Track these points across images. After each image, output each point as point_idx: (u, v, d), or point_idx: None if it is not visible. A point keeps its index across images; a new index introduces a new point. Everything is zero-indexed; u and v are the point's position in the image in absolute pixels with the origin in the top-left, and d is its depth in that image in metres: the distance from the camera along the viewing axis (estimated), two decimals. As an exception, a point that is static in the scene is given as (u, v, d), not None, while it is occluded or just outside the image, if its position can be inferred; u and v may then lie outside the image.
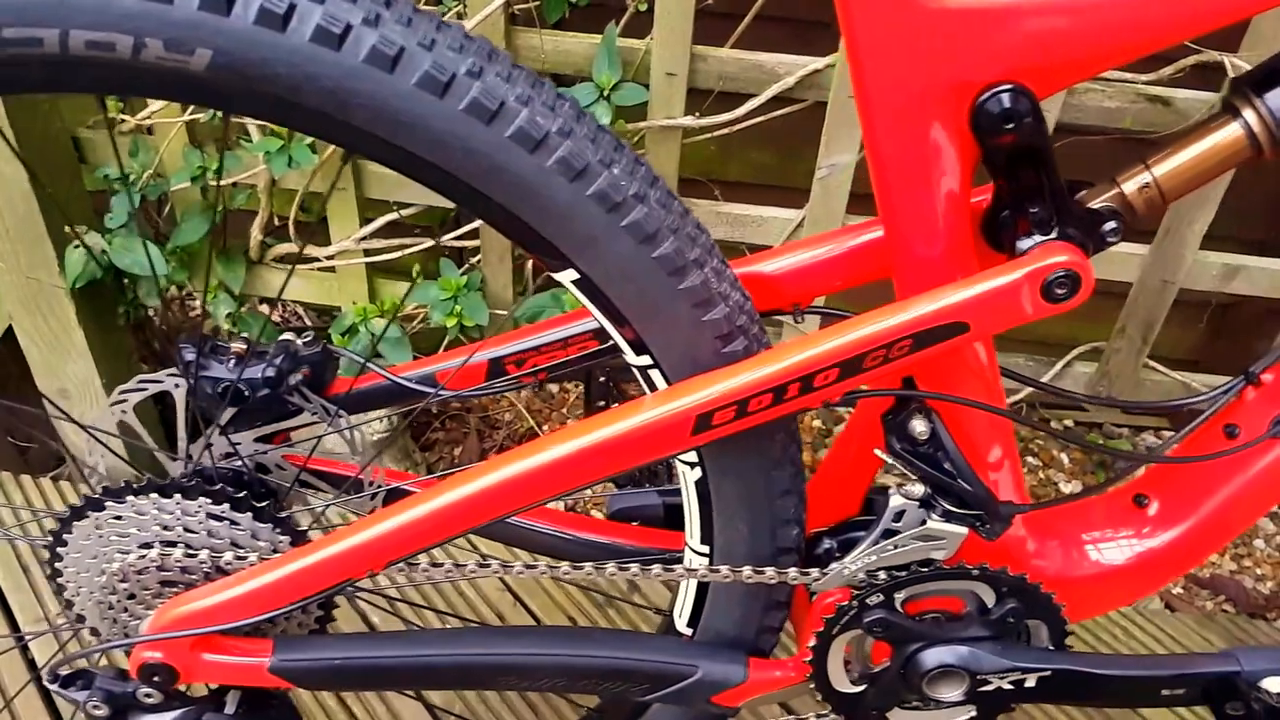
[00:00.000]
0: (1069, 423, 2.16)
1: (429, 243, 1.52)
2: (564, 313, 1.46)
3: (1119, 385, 1.59)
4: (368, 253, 1.53)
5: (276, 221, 1.55)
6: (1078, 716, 1.47)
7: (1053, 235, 0.73)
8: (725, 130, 1.38)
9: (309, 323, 2.10)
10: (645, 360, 0.76)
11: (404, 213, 1.53)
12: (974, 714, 0.94)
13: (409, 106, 0.63)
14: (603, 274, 0.71)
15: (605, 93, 1.28)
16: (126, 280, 1.53)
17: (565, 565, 0.87)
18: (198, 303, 1.94)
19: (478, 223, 1.49)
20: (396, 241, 1.54)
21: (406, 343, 1.55)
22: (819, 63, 1.30)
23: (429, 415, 1.99)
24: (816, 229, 1.44)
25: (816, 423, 2.05)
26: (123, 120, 1.44)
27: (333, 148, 1.39)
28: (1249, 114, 0.70)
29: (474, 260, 1.56)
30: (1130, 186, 0.74)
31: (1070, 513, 0.93)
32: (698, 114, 1.36)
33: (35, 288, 1.45)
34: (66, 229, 1.39)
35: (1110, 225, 0.73)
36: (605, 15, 1.34)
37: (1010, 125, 0.67)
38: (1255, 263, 1.46)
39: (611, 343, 0.76)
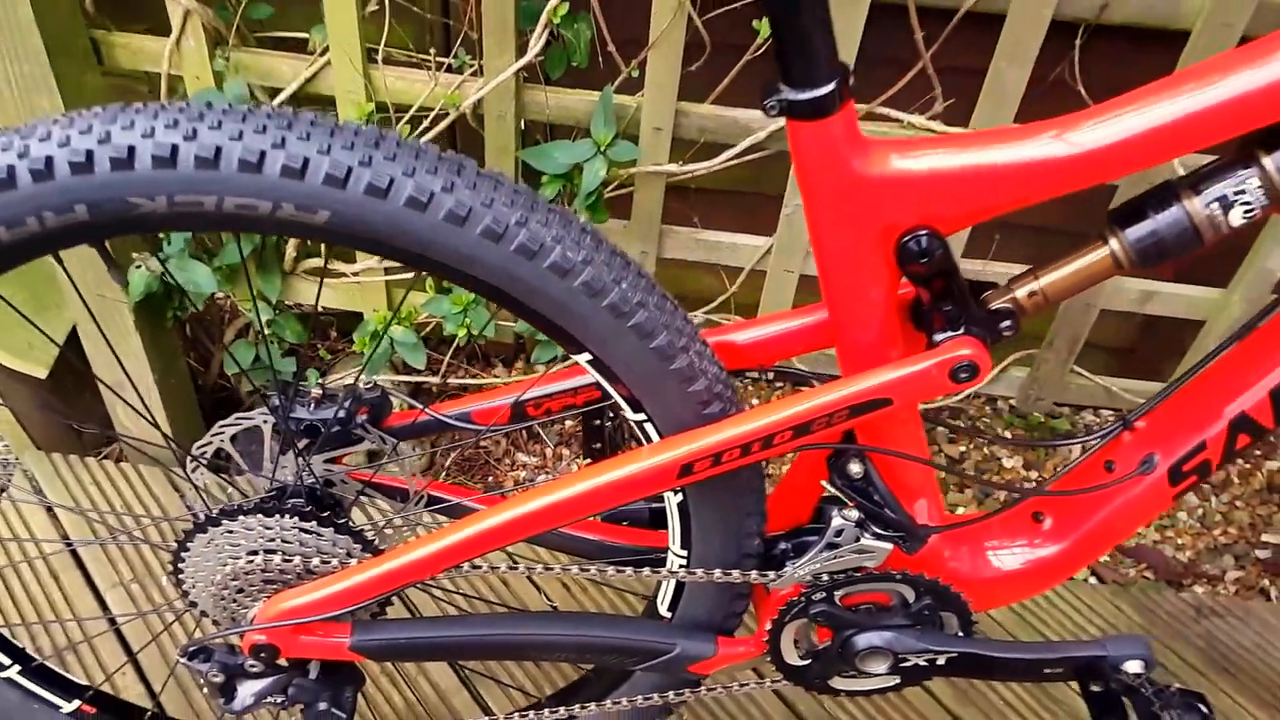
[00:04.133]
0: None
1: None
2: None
3: (1048, 389, 1.82)
4: (388, 270, 1.74)
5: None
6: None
7: (960, 331, 0.95)
8: (703, 171, 1.59)
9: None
10: (641, 417, 0.98)
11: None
12: (898, 682, 1.19)
13: (474, 251, 0.84)
14: (611, 359, 0.93)
15: (602, 149, 1.49)
16: (174, 289, 1.74)
17: (575, 567, 1.10)
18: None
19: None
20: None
21: (421, 346, 1.76)
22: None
23: (434, 399, 2.22)
24: (783, 255, 1.66)
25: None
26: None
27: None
28: (1114, 242, 0.91)
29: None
30: (1022, 293, 0.95)
31: (978, 526, 1.16)
32: (681, 161, 1.56)
33: (99, 301, 1.65)
34: (134, 255, 1.59)
35: (1006, 323, 0.95)
36: (600, 73, 1.54)
37: (925, 259, 0.89)
38: (1166, 289, 1.69)
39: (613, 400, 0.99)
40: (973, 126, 1.45)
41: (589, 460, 1.26)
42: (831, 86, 0.81)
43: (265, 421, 1.11)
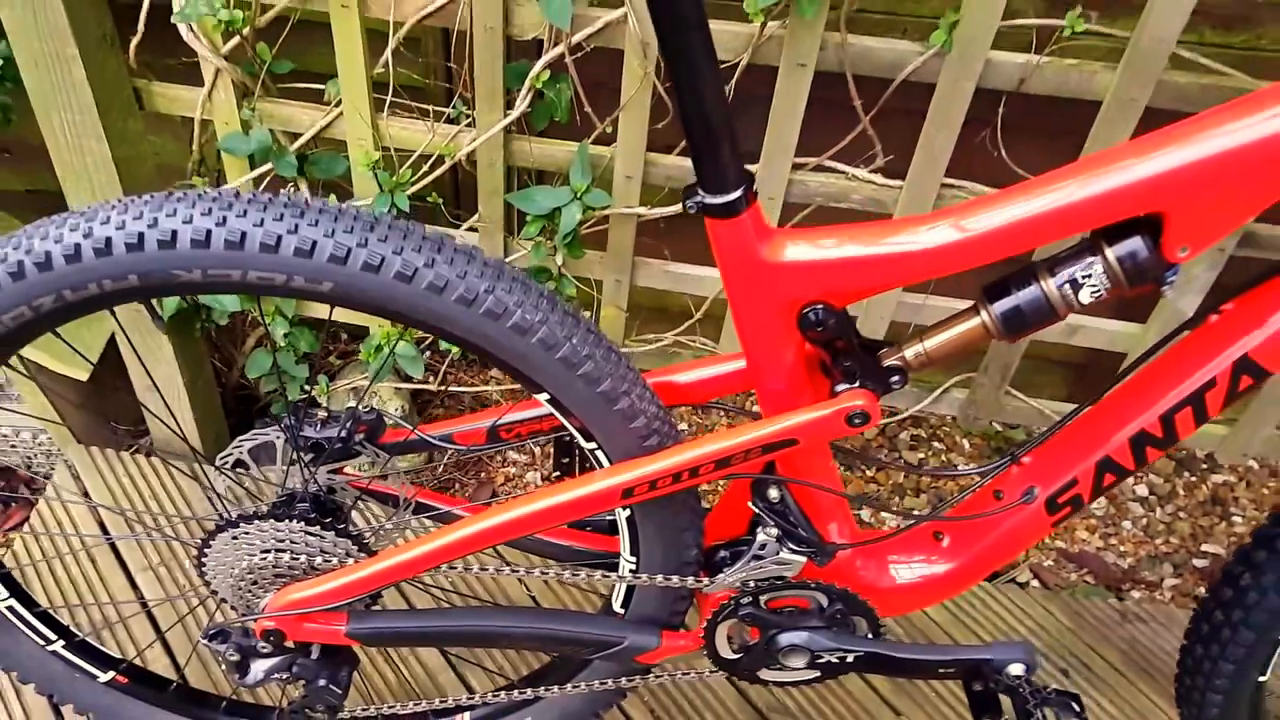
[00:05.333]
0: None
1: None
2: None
3: (984, 410, 2.00)
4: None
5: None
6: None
7: (856, 384, 1.13)
8: (670, 214, 1.77)
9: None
10: (593, 445, 1.17)
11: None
12: (818, 675, 1.37)
13: (451, 314, 1.03)
14: (565, 399, 1.12)
15: (579, 195, 1.68)
16: (201, 306, 1.94)
17: (538, 569, 1.29)
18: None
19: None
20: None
21: (420, 359, 1.96)
22: (746, 170, 1.69)
23: (433, 401, 2.43)
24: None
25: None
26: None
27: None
28: (984, 313, 1.08)
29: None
30: (910, 353, 1.13)
31: (884, 544, 1.34)
32: (650, 204, 1.75)
33: (134, 314, 1.85)
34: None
35: (895, 378, 1.13)
36: (580, 125, 1.72)
37: (821, 327, 1.08)
38: (1090, 322, 1.84)
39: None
40: (908, 182, 1.63)
41: (558, 474, 1.46)
42: (739, 192, 1.00)
43: (278, 437, 1.31)
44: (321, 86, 1.73)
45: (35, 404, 2.00)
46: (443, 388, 2.26)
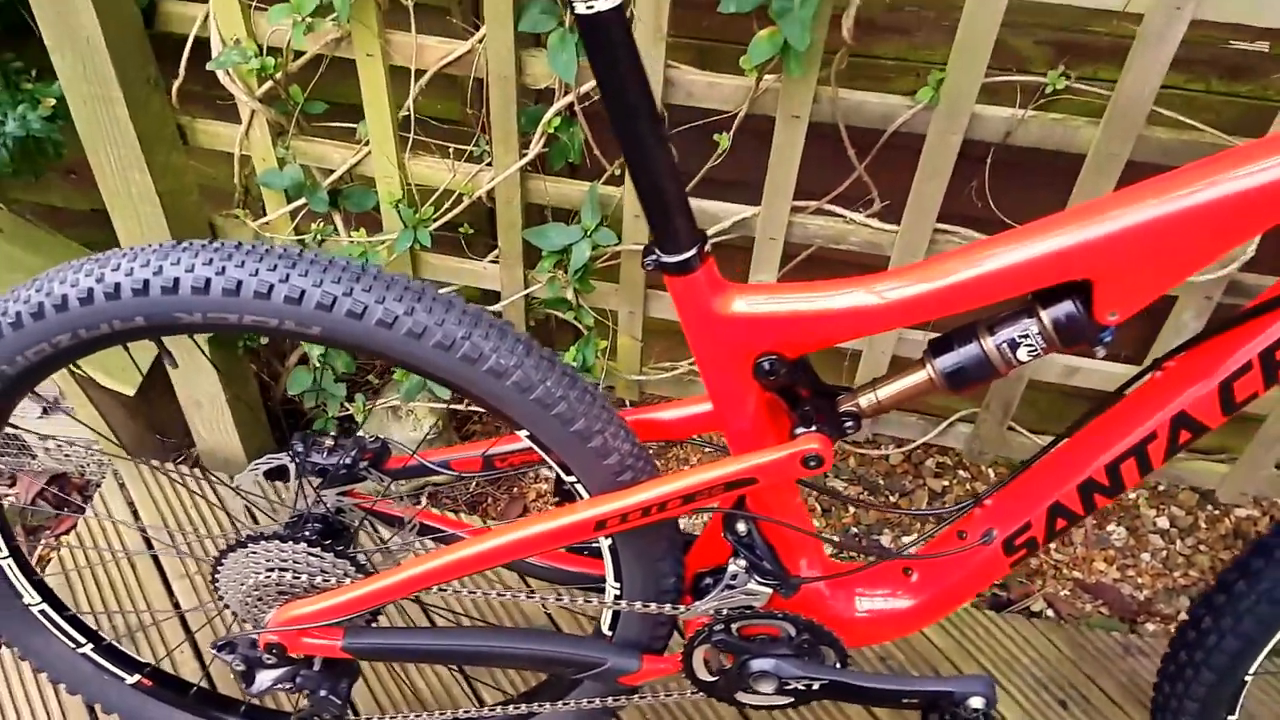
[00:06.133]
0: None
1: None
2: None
3: (988, 444, 2.05)
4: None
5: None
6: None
7: (813, 429, 1.20)
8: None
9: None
10: (573, 479, 1.26)
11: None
12: (790, 700, 1.43)
13: (430, 357, 1.13)
14: (542, 437, 1.21)
15: (588, 233, 1.77)
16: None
17: (524, 594, 1.38)
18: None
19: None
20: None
21: (447, 382, 2.06)
22: (748, 211, 1.76)
23: (471, 418, 2.53)
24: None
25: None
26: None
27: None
28: (929, 367, 1.15)
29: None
30: (864, 401, 1.20)
31: (852, 577, 1.41)
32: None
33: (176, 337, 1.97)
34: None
35: (849, 424, 1.21)
36: (594, 165, 1.81)
37: (774, 376, 1.15)
38: (1087, 364, 1.88)
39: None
40: (903, 227, 1.69)
41: (558, 499, 1.54)
42: (692, 252, 1.07)
43: (291, 461, 1.41)
44: (354, 126, 1.84)
45: (86, 416, 2.13)
46: (469, 408, 2.36)
